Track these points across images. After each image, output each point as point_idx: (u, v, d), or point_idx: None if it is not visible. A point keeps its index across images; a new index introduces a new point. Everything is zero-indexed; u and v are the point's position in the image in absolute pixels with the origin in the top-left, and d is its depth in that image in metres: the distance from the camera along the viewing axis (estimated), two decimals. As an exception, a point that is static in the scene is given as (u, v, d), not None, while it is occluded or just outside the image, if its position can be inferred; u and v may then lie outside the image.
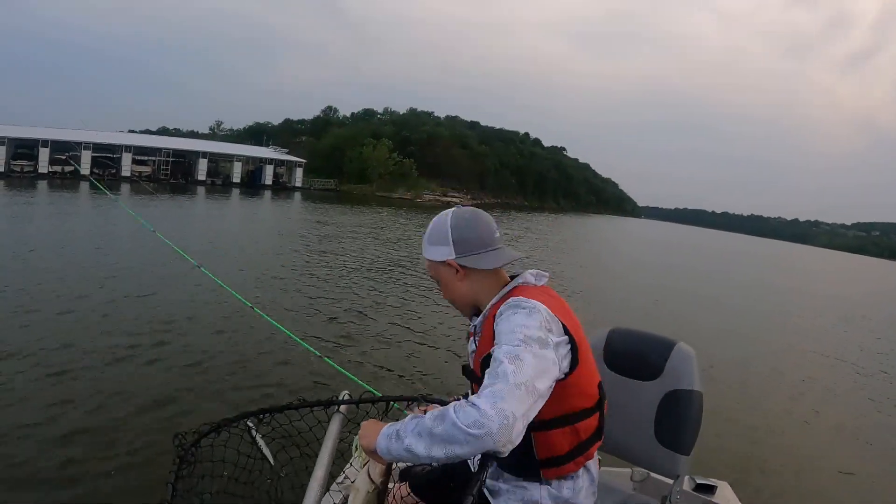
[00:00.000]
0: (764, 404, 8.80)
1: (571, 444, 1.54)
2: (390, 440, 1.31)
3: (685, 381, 1.93)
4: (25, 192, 32.65)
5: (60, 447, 4.68)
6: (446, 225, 1.61)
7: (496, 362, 1.29)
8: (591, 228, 67.43)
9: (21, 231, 17.29)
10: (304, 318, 9.74)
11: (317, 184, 71.87)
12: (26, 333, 7.32)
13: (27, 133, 47.95)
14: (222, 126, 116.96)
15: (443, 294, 1.71)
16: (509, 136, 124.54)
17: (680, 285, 20.50)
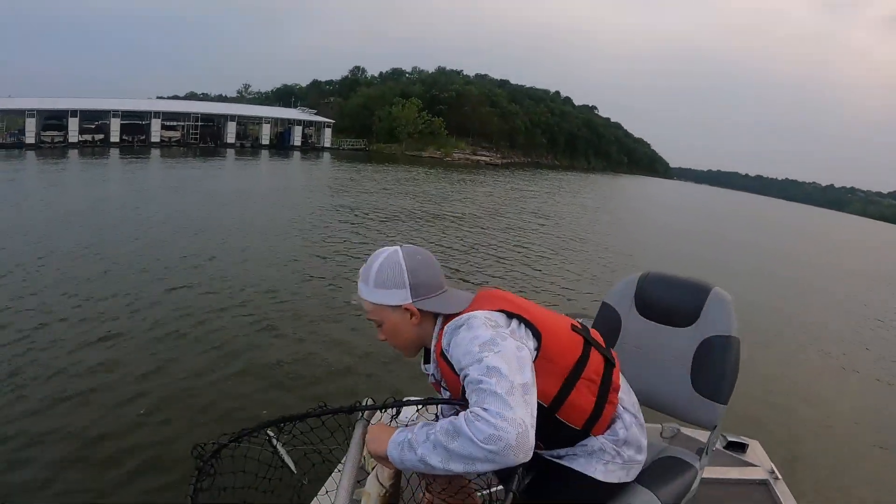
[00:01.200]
0: (798, 360, 8.76)
1: (593, 393, 1.53)
2: (402, 450, 1.29)
3: (722, 326, 1.86)
4: (85, 161, 33.89)
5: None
6: (401, 267, 1.51)
7: (475, 385, 1.25)
8: (621, 189, 66.28)
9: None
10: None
11: (346, 144, 71.81)
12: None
13: (56, 104, 48.61)
14: (250, 89, 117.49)
15: (383, 337, 1.61)
16: (540, 94, 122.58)
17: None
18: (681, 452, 1.86)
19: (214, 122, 59.87)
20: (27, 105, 46.59)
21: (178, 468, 3.97)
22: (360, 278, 1.55)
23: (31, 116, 45.64)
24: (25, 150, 41.50)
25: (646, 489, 1.59)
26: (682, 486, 1.70)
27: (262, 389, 5.65)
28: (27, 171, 27.55)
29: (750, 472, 2.79)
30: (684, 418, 1.96)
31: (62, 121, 47.42)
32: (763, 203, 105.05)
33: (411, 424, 1.38)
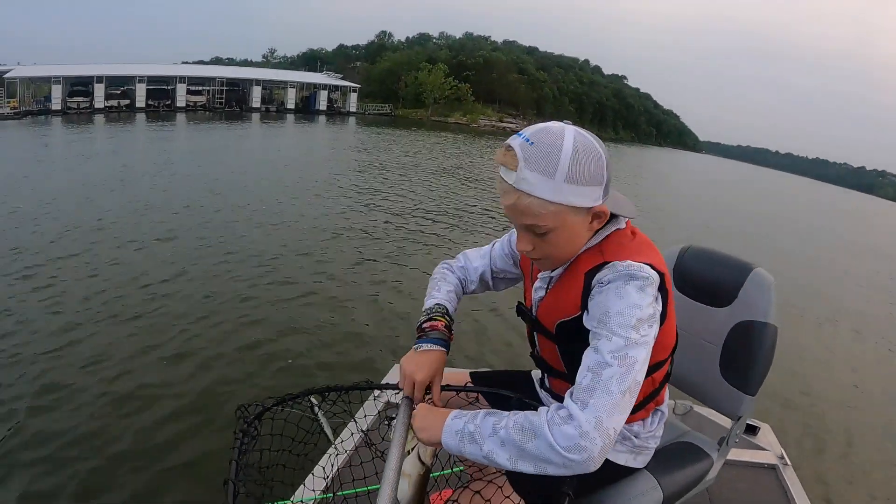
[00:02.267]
0: (821, 344, 8.71)
1: (645, 393, 1.40)
2: (462, 441, 1.15)
3: (759, 311, 1.69)
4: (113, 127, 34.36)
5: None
6: (600, 158, 1.15)
7: (599, 359, 1.10)
8: (651, 162, 65.66)
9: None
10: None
11: (371, 108, 72.39)
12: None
13: (82, 70, 49.00)
14: (276, 53, 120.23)
15: (531, 247, 1.26)
16: (568, 62, 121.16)
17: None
18: (700, 440, 1.78)
19: (240, 86, 60.37)
20: (53, 72, 46.94)
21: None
22: (531, 167, 1.12)
23: (56, 83, 45.94)
24: (52, 117, 41.88)
25: (651, 476, 1.50)
26: (692, 476, 1.63)
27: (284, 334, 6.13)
28: (70, 137, 27.79)
29: (759, 455, 2.81)
30: (708, 403, 1.84)
31: (88, 87, 47.72)
32: (795, 183, 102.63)
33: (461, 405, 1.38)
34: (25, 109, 43.70)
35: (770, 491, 2.59)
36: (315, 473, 1.90)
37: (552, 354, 1.43)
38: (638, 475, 1.51)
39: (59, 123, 36.58)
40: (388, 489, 1.13)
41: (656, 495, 1.50)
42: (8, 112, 41.86)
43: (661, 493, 1.51)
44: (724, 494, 2.51)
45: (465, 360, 5.83)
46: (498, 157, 1.17)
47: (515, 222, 1.25)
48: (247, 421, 1.35)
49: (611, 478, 1.46)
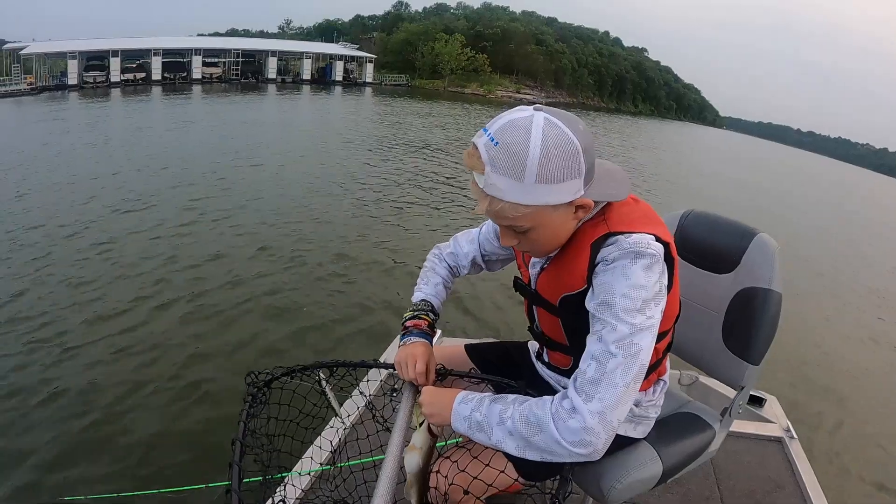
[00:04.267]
0: (832, 319, 8.60)
1: (649, 364, 1.28)
2: (471, 428, 1.17)
3: (763, 277, 1.62)
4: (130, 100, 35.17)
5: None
6: (575, 148, 1.05)
7: (603, 348, 1.08)
8: (670, 136, 64.57)
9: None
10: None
11: (388, 79, 72.39)
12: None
13: (97, 45, 49.36)
14: (291, 24, 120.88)
15: (515, 242, 1.21)
16: (588, 33, 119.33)
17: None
18: (702, 410, 1.73)
19: (255, 57, 60.70)
20: (68, 47, 47.29)
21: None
22: (498, 171, 1.05)
23: (72, 58, 46.31)
24: (69, 92, 42.36)
25: (650, 447, 1.49)
26: (693, 447, 1.60)
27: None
28: (92, 112, 28.20)
29: (765, 428, 2.77)
30: (710, 373, 1.80)
31: (104, 61, 48.05)
32: (819, 164, 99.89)
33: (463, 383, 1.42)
34: (42, 85, 44.29)
35: (776, 464, 2.57)
36: (321, 445, 1.93)
37: (554, 328, 1.38)
38: (637, 446, 1.49)
39: (76, 98, 37.09)
40: (391, 464, 1.18)
41: (655, 467, 1.47)
42: (25, 88, 42.31)
43: (661, 465, 1.48)
44: (729, 467, 2.50)
45: (461, 327, 5.99)
46: (465, 160, 1.10)
47: (494, 222, 1.21)
48: (256, 386, 1.38)
49: (610, 448, 1.25)
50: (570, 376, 1.14)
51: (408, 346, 1.43)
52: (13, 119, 24.32)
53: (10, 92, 40.40)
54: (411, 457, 1.31)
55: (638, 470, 1.45)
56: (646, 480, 1.47)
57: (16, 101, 35.57)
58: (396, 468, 1.19)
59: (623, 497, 1.45)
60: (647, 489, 1.51)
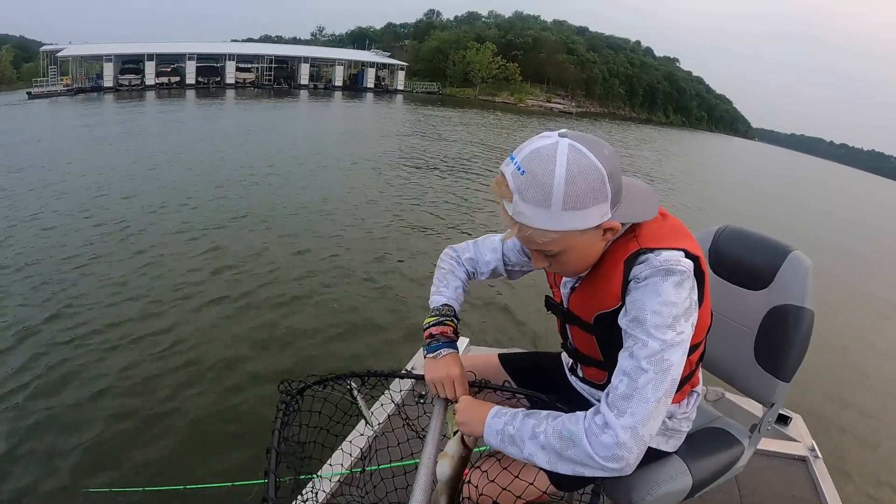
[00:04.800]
0: (861, 336, 8.35)
1: (682, 376, 1.30)
2: (503, 441, 1.19)
3: (796, 295, 1.62)
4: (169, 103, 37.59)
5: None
6: (600, 174, 1.07)
7: (635, 364, 1.10)
8: (700, 147, 63.74)
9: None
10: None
11: (419, 87, 72.71)
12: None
13: (133, 49, 50.74)
14: (324, 31, 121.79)
15: (545, 265, 1.24)
16: (619, 43, 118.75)
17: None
18: (732, 426, 1.73)
19: (288, 64, 61.61)
20: (105, 50, 48.73)
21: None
22: (525, 200, 1.08)
23: (108, 61, 47.59)
24: (104, 93, 43.38)
25: (681, 461, 1.50)
26: (722, 462, 1.60)
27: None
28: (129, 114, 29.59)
29: (790, 446, 2.76)
30: (740, 389, 1.79)
31: (139, 64, 49.27)
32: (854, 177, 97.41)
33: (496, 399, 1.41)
34: (78, 87, 45.33)
35: (799, 483, 2.56)
36: (352, 452, 1.93)
37: (588, 345, 1.39)
38: (668, 459, 1.49)
39: (111, 100, 37.94)
40: (425, 472, 1.22)
41: (685, 480, 1.48)
42: (61, 89, 43.15)
43: (691, 479, 1.48)
44: (753, 484, 2.50)
45: (495, 337, 5.85)
46: (493, 188, 1.14)
47: (525, 247, 1.26)
48: (289, 394, 1.41)
49: (642, 460, 1.29)
50: (604, 389, 1.16)
51: (438, 362, 1.41)
52: (53, 117, 25.06)
53: (46, 92, 41.26)
54: (443, 464, 1.32)
55: (668, 483, 1.44)
56: (675, 494, 1.46)
57: (51, 101, 36.29)
58: (430, 475, 1.22)
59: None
60: (675, 503, 1.49)
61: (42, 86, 42.97)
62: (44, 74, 46.44)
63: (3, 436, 3.85)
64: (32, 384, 4.42)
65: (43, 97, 39.71)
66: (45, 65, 47.75)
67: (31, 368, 4.62)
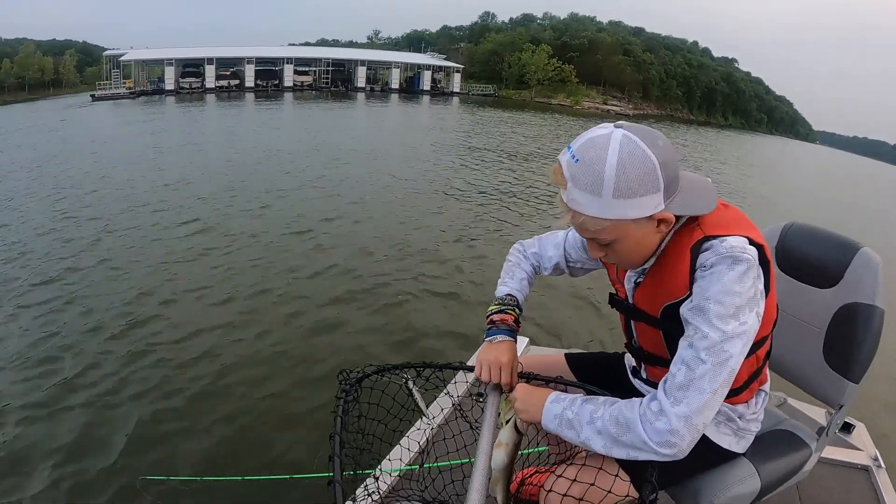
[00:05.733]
0: None
1: (749, 372, 1.35)
2: (561, 426, 1.23)
3: (866, 293, 1.58)
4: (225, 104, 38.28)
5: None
6: (652, 164, 1.08)
7: (693, 354, 1.11)
8: (761, 150, 62.17)
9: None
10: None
11: (475, 89, 72.29)
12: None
13: (193, 53, 52.12)
14: (380, 35, 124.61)
15: (602, 254, 1.26)
16: (676, 43, 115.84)
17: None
18: (799, 429, 1.70)
19: (345, 67, 62.31)
20: (166, 55, 50.05)
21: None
22: (579, 187, 1.11)
23: (169, 65, 48.98)
24: (165, 96, 44.64)
25: (749, 463, 1.48)
26: (790, 465, 1.57)
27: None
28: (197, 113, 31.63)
29: (852, 455, 2.66)
30: (809, 391, 1.75)
31: (199, 68, 50.51)
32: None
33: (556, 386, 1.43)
34: (140, 89, 46.72)
35: (861, 493, 2.45)
36: (409, 446, 1.92)
37: (655, 342, 1.38)
38: (737, 461, 1.47)
39: (172, 102, 39.40)
40: (483, 463, 1.24)
41: (754, 483, 1.45)
42: (124, 92, 44.17)
43: (760, 482, 1.46)
44: (814, 492, 2.42)
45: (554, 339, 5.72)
46: (551, 176, 1.17)
47: (579, 234, 1.24)
48: (349, 383, 1.44)
49: (712, 461, 1.44)
50: None
51: (492, 346, 1.47)
52: (130, 119, 26.48)
53: (110, 95, 42.13)
54: (498, 453, 1.35)
55: (737, 486, 1.43)
56: (744, 497, 1.44)
57: (115, 104, 37.14)
58: (487, 466, 1.24)
59: None
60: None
61: (105, 88, 43.91)
62: (107, 78, 47.54)
63: (64, 423, 4.00)
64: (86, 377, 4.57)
65: (106, 99, 40.43)
66: (108, 69, 49.10)
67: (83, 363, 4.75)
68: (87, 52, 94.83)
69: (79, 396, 4.30)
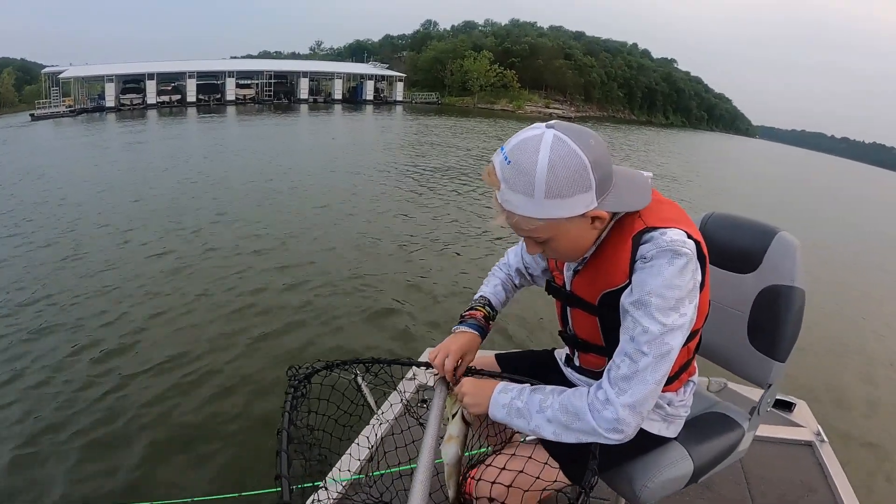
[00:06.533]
0: (861, 318, 8.39)
1: (680, 364, 1.41)
2: (510, 415, 1.28)
3: (785, 275, 1.64)
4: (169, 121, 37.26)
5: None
6: (582, 163, 1.10)
7: (636, 347, 1.15)
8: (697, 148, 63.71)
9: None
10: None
11: (418, 97, 73.20)
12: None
13: (133, 68, 51.15)
14: (322, 46, 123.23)
15: (538, 250, 1.28)
16: (616, 46, 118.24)
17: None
18: (731, 410, 1.77)
19: (288, 78, 61.88)
20: (106, 71, 48.98)
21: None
22: (511, 188, 1.13)
23: (109, 81, 47.94)
24: (106, 114, 43.68)
25: (681, 446, 1.52)
26: (723, 446, 1.62)
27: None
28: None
29: (795, 432, 2.77)
30: (737, 373, 1.80)
31: (140, 84, 49.56)
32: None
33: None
34: (80, 107, 45.63)
35: (807, 468, 2.57)
36: (359, 442, 1.91)
37: (590, 330, 1.40)
38: (668, 445, 1.51)
39: (113, 119, 38.22)
40: (427, 458, 1.23)
41: (686, 465, 1.49)
42: (64, 110, 43.48)
43: (692, 464, 1.50)
44: (760, 471, 2.52)
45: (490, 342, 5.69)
46: (484, 177, 1.19)
47: (517, 233, 1.25)
48: (297, 379, 1.42)
49: (643, 447, 1.47)
50: (600, 378, 1.23)
51: (454, 335, 1.54)
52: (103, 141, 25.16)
53: (49, 114, 41.54)
54: (449, 447, 1.38)
55: (669, 469, 1.47)
56: (677, 479, 1.48)
57: (55, 122, 36.54)
58: (433, 461, 1.24)
59: (655, 497, 1.46)
60: (678, 488, 1.52)
61: (45, 107, 43.31)
62: (46, 96, 46.81)
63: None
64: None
65: (46, 118, 40.02)
66: (48, 86, 48.10)
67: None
68: (25, 70, 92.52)
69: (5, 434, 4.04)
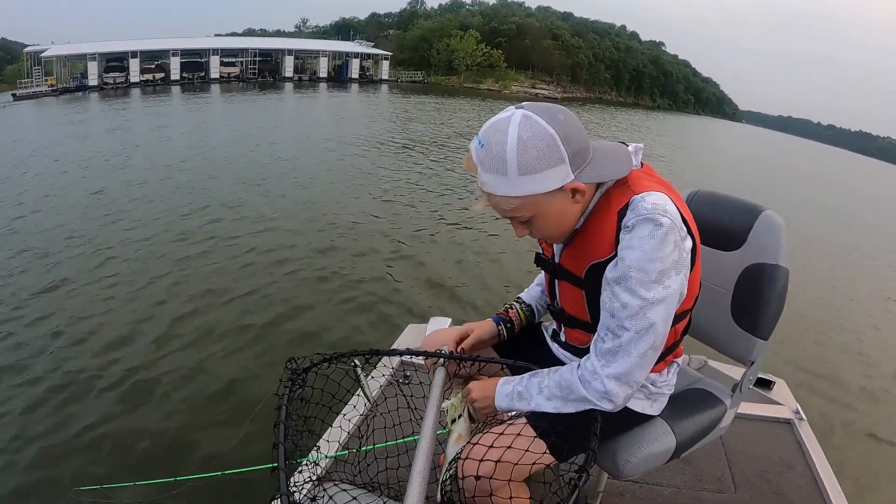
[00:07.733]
0: (842, 299, 8.57)
1: (665, 346, 1.36)
2: (512, 400, 1.35)
3: (770, 254, 1.65)
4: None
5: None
6: (551, 137, 1.13)
7: (617, 322, 1.19)
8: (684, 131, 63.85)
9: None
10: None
11: (404, 76, 72.63)
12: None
13: (116, 46, 50.07)
14: (308, 23, 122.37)
15: (526, 232, 1.31)
16: (604, 28, 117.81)
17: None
18: (713, 386, 1.78)
19: (272, 56, 61.05)
20: (88, 49, 48.08)
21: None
22: (486, 170, 1.17)
23: (92, 60, 47.05)
24: (89, 93, 42.98)
25: (664, 423, 1.55)
26: (705, 422, 1.65)
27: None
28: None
29: (774, 410, 2.81)
30: (720, 350, 1.82)
31: (123, 62, 48.74)
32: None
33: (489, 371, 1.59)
34: (63, 87, 44.95)
35: (786, 445, 2.62)
36: (348, 428, 2.02)
37: (576, 303, 1.41)
38: (652, 421, 1.55)
39: (96, 98, 37.61)
40: (426, 444, 1.22)
41: (668, 441, 1.53)
42: (46, 89, 43.00)
43: (675, 439, 1.53)
44: (739, 448, 2.56)
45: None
46: (464, 164, 1.22)
47: (500, 215, 1.27)
48: (296, 372, 1.44)
49: (627, 424, 1.51)
50: (585, 355, 1.29)
51: (461, 325, 1.67)
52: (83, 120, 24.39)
53: (32, 94, 41.14)
54: (460, 445, 1.40)
55: (651, 444, 1.51)
56: (659, 454, 1.53)
57: (37, 102, 36.20)
58: (431, 449, 1.23)
59: (637, 471, 1.52)
60: (660, 463, 1.56)
61: (27, 87, 42.88)
62: (28, 76, 46.27)
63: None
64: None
65: (29, 98, 39.70)
66: (29, 66, 47.47)
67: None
68: (6, 50, 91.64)
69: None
